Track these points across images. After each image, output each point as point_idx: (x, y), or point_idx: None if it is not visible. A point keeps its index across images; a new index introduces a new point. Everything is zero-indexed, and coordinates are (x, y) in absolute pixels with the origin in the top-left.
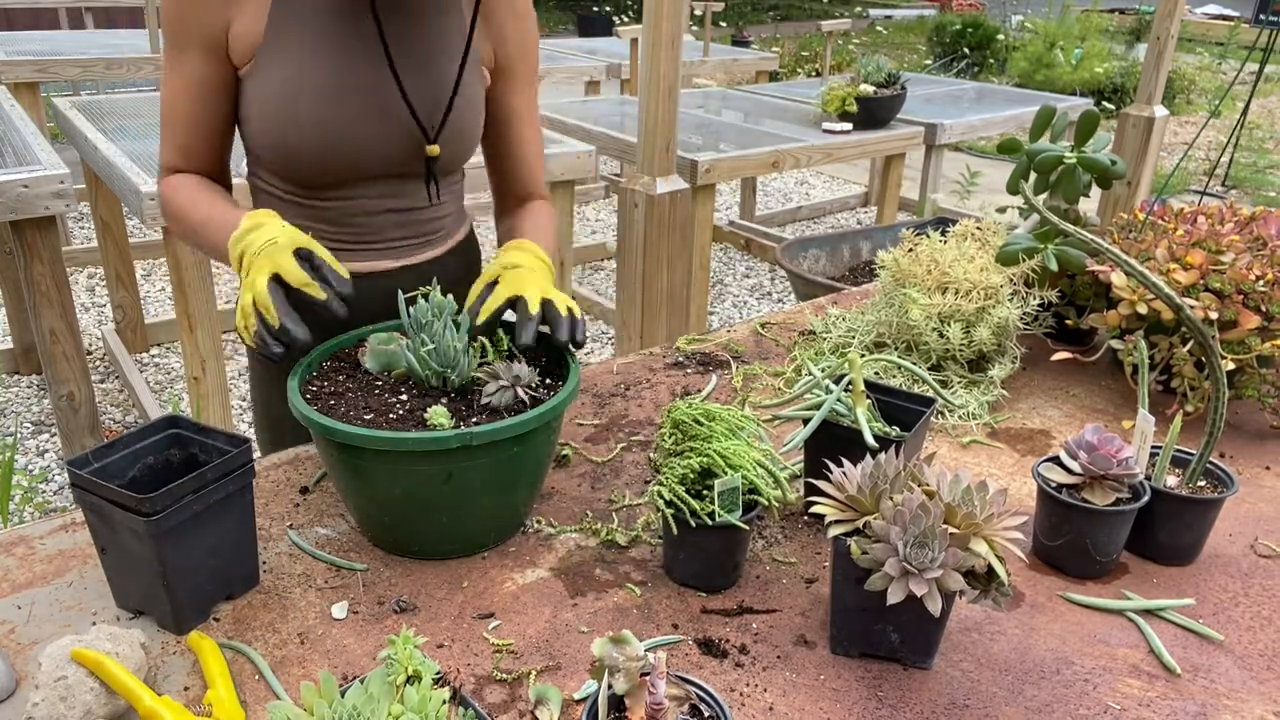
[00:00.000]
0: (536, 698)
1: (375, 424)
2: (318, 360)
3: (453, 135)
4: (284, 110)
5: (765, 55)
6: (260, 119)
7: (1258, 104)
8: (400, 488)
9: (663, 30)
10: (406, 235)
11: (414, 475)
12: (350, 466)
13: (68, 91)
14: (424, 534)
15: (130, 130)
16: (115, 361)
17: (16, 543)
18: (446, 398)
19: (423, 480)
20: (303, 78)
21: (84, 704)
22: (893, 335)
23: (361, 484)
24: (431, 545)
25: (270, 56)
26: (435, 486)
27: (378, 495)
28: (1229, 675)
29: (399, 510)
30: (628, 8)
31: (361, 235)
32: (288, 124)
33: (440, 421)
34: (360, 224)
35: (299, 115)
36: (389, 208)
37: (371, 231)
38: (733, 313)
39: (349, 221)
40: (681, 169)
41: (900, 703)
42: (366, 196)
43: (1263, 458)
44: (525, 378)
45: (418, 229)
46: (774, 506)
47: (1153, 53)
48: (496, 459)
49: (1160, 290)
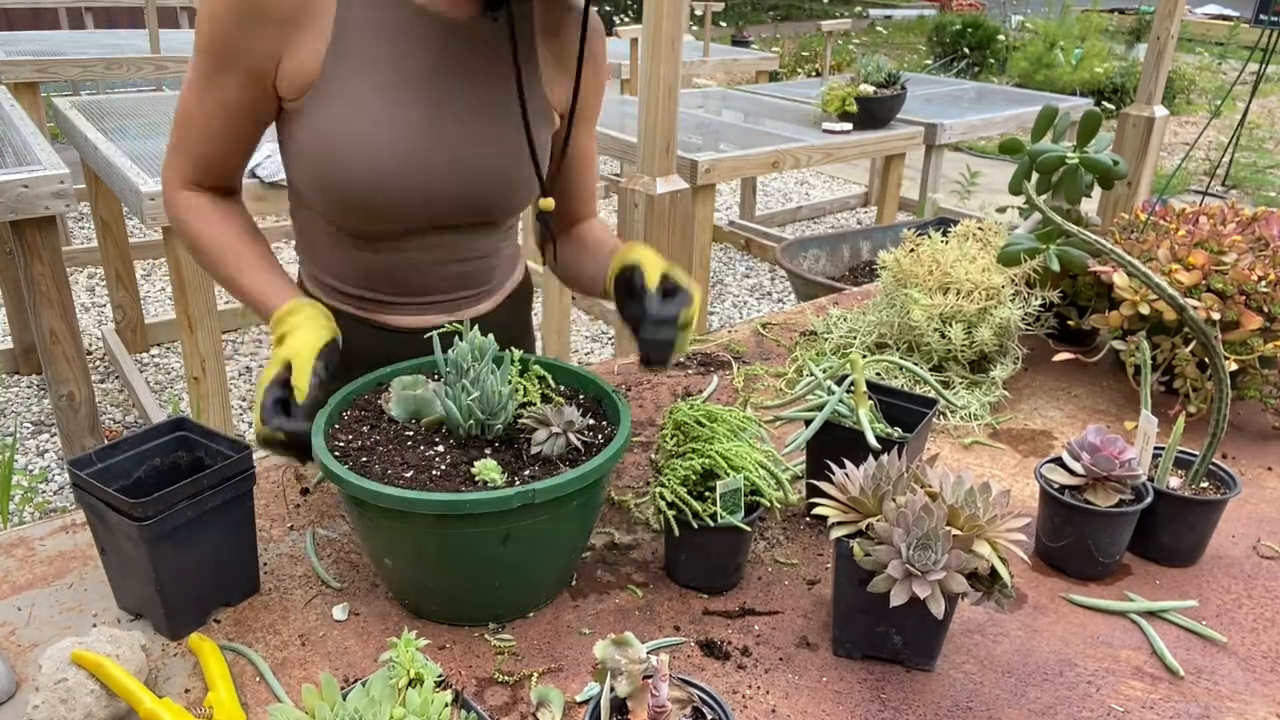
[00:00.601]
0: (538, 700)
1: (419, 483)
2: (337, 411)
3: (509, 184)
4: (335, 146)
5: (765, 55)
6: (309, 156)
7: (1258, 104)
8: (449, 552)
9: (663, 30)
10: (459, 288)
11: (465, 539)
12: (391, 531)
13: (68, 91)
14: (469, 598)
15: (130, 130)
16: (115, 361)
17: (17, 544)
18: (490, 447)
19: (476, 543)
20: (357, 115)
21: (84, 706)
22: (894, 336)
23: (405, 549)
24: (479, 610)
25: (325, 97)
26: (491, 548)
27: (423, 560)
28: (1232, 677)
29: (444, 576)
30: (628, 8)
31: (408, 289)
32: (336, 160)
33: (492, 476)
34: (409, 278)
35: (352, 159)
36: (442, 259)
37: (421, 285)
38: (733, 313)
39: (397, 275)
40: (681, 169)
41: (903, 705)
42: (417, 248)
43: (1265, 459)
44: (577, 423)
45: (470, 280)
46: (776, 508)
47: (1153, 53)
48: (557, 514)
49: (1163, 291)
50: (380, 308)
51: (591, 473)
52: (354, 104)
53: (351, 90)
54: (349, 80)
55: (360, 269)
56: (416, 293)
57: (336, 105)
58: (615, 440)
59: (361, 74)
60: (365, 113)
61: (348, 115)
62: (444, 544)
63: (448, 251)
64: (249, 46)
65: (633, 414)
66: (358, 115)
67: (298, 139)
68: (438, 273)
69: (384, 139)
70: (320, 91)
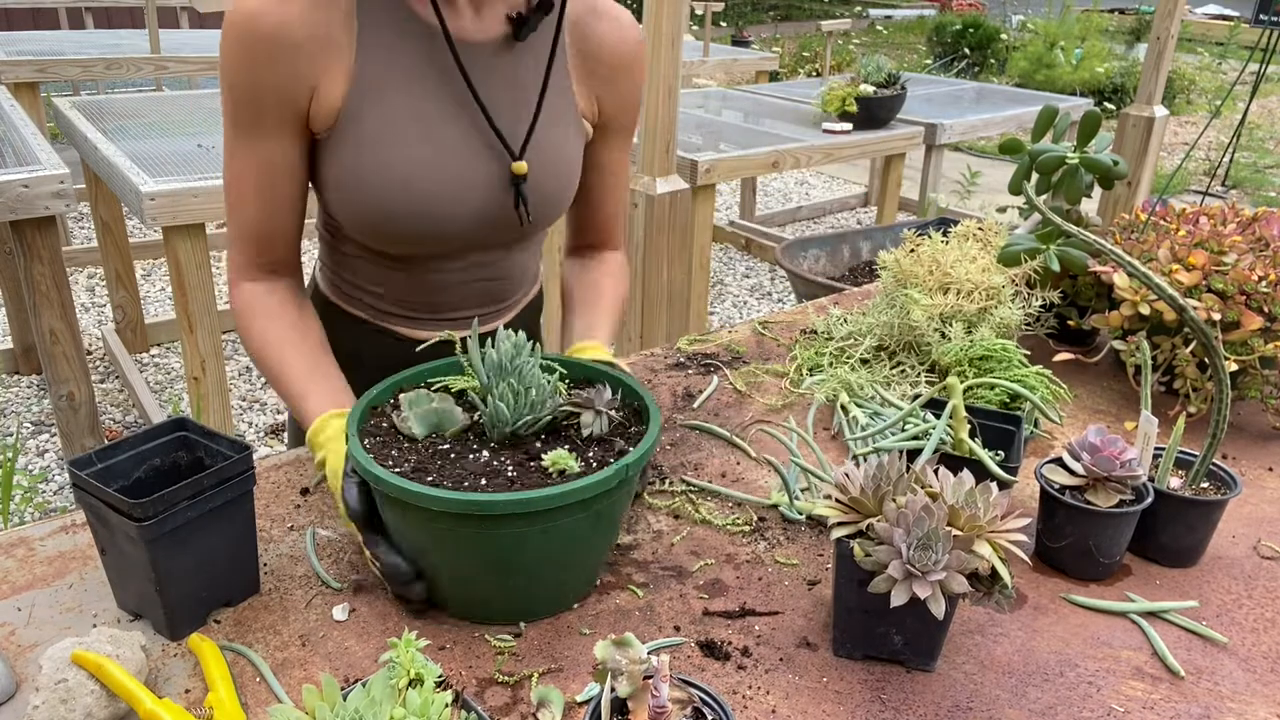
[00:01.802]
0: (539, 700)
1: (501, 488)
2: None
3: (542, 198)
4: (369, 177)
5: (765, 55)
6: (341, 189)
7: (1258, 104)
8: (558, 544)
9: (663, 30)
10: (488, 303)
11: (566, 530)
12: (482, 538)
13: (68, 91)
14: (546, 593)
15: (130, 130)
16: (115, 361)
17: (17, 544)
18: (539, 442)
19: (572, 531)
20: (389, 142)
21: (84, 707)
22: (894, 336)
23: (496, 552)
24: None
25: (353, 122)
26: (585, 534)
27: (507, 563)
28: (1233, 678)
29: (533, 572)
30: (628, 8)
31: (437, 307)
32: (372, 190)
33: (569, 464)
34: (440, 297)
35: (385, 180)
36: (474, 277)
37: (451, 302)
38: (733, 313)
39: (429, 294)
40: (681, 169)
41: (903, 705)
42: (453, 269)
43: (1265, 459)
44: (613, 401)
45: (498, 295)
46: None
47: (1153, 53)
48: (630, 487)
49: (1163, 291)
50: (402, 320)
51: (656, 438)
52: (382, 133)
53: (379, 119)
54: (375, 109)
55: (389, 286)
56: (445, 309)
57: (365, 136)
58: (653, 414)
59: (387, 101)
60: (395, 142)
61: (377, 145)
62: (551, 538)
63: (481, 270)
64: (276, 85)
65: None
66: (387, 145)
67: (328, 174)
68: (469, 291)
69: (417, 166)
70: (347, 123)
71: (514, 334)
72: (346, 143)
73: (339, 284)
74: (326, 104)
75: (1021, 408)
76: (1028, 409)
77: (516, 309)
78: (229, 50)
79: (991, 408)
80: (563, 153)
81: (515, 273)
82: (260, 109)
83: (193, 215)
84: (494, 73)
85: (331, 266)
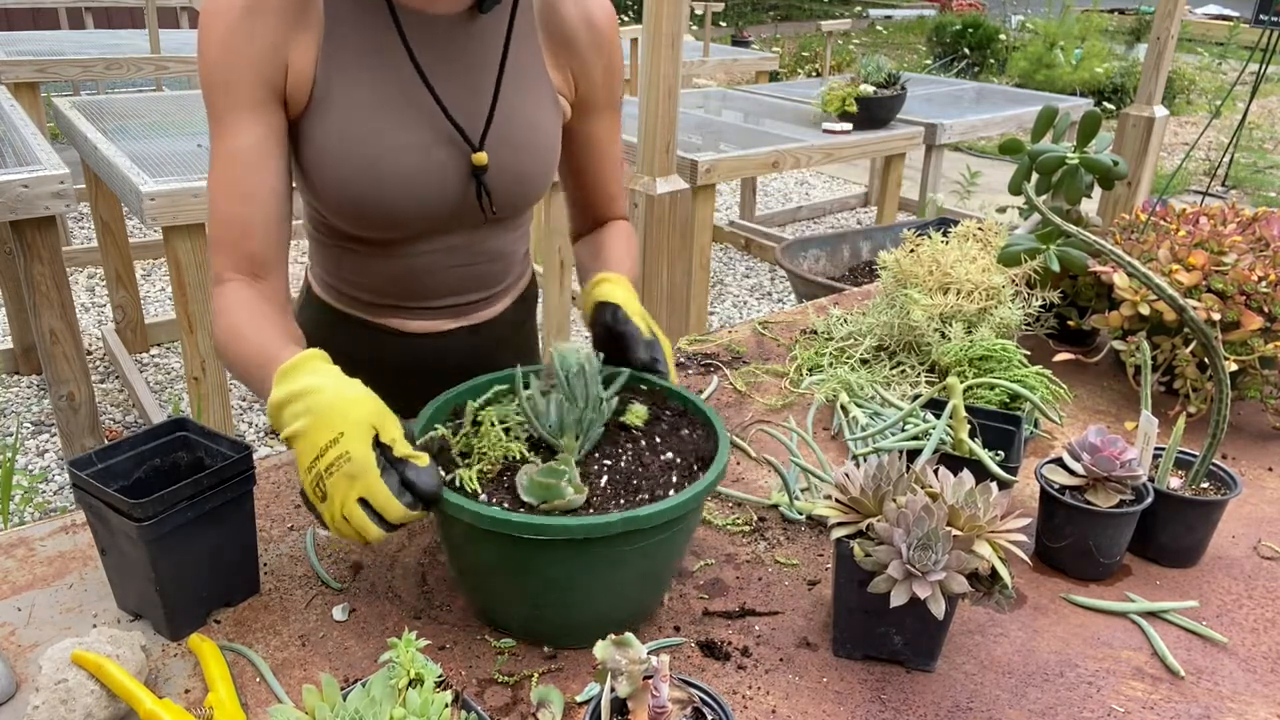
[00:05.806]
0: (539, 700)
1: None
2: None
3: (514, 179)
4: (338, 156)
5: (765, 55)
6: (315, 168)
7: (1257, 104)
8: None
9: (663, 30)
10: (472, 290)
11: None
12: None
13: (68, 91)
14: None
15: (130, 130)
16: (115, 361)
17: (17, 544)
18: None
19: (668, 542)
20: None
21: (85, 707)
22: (894, 336)
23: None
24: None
25: (323, 100)
26: (678, 544)
27: (605, 581)
28: (1233, 678)
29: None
30: (628, 7)
31: (422, 294)
32: (341, 171)
33: (641, 416)
34: (423, 283)
35: (353, 162)
36: (454, 262)
37: (434, 289)
38: (733, 313)
39: (411, 280)
40: (681, 169)
41: (903, 705)
42: (431, 252)
43: (1265, 459)
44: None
45: (482, 282)
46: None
47: (1153, 53)
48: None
49: (1163, 291)
50: (392, 313)
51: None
52: (349, 113)
53: (345, 97)
54: (342, 86)
55: (372, 275)
56: (430, 296)
57: (333, 114)
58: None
59: (353, 78)
60: (362, 120)
61: (345, 124)
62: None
63: (460, 254)
64: (252, 61)
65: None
66: (355, 123)
67: (304, 156)
68: (451, 276)
69: (384, 149)
70: (318, 101)
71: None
72: (317, 122)
73: (328, 279)
74: (300, 78)
75: (1021, 408)
76: (1028, 409)
77: (508, 297)
78: (207, 34)
79: (991, 408)
80: (535, 133)
81: (498, 255)
82: (236, 91)
83: (193, 215)
84: (459, 50)
85: (320, 263)
